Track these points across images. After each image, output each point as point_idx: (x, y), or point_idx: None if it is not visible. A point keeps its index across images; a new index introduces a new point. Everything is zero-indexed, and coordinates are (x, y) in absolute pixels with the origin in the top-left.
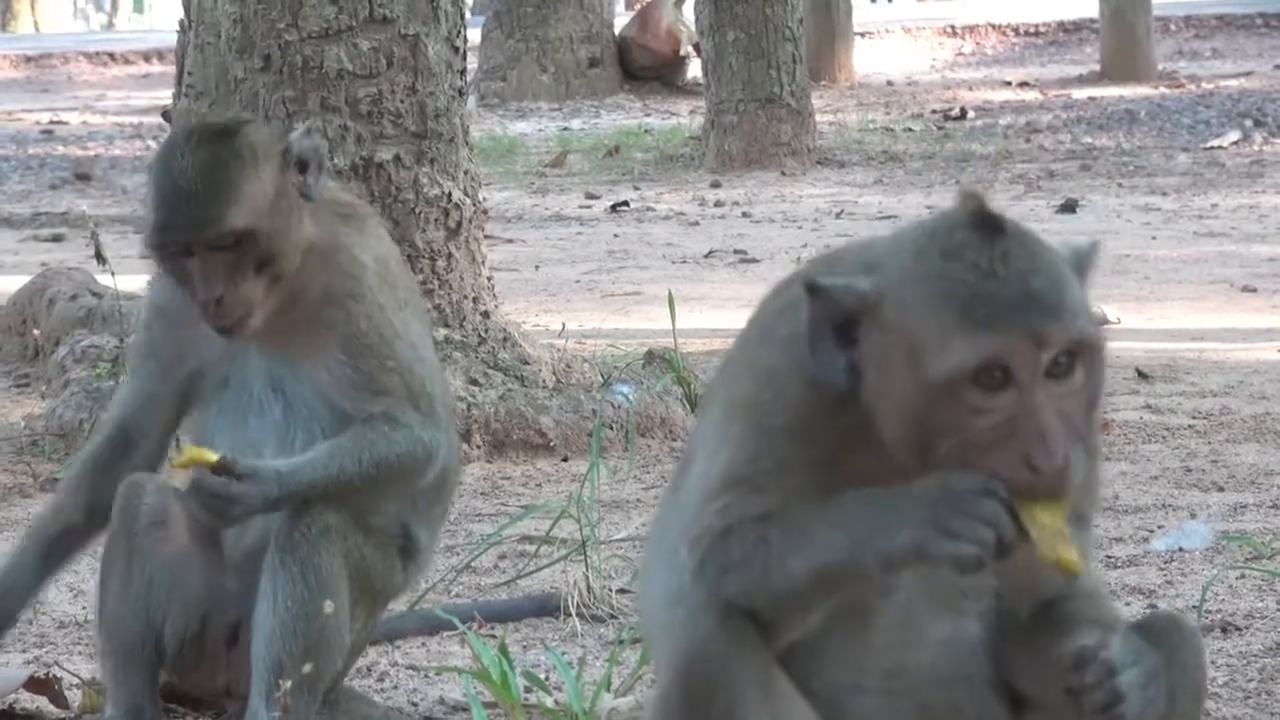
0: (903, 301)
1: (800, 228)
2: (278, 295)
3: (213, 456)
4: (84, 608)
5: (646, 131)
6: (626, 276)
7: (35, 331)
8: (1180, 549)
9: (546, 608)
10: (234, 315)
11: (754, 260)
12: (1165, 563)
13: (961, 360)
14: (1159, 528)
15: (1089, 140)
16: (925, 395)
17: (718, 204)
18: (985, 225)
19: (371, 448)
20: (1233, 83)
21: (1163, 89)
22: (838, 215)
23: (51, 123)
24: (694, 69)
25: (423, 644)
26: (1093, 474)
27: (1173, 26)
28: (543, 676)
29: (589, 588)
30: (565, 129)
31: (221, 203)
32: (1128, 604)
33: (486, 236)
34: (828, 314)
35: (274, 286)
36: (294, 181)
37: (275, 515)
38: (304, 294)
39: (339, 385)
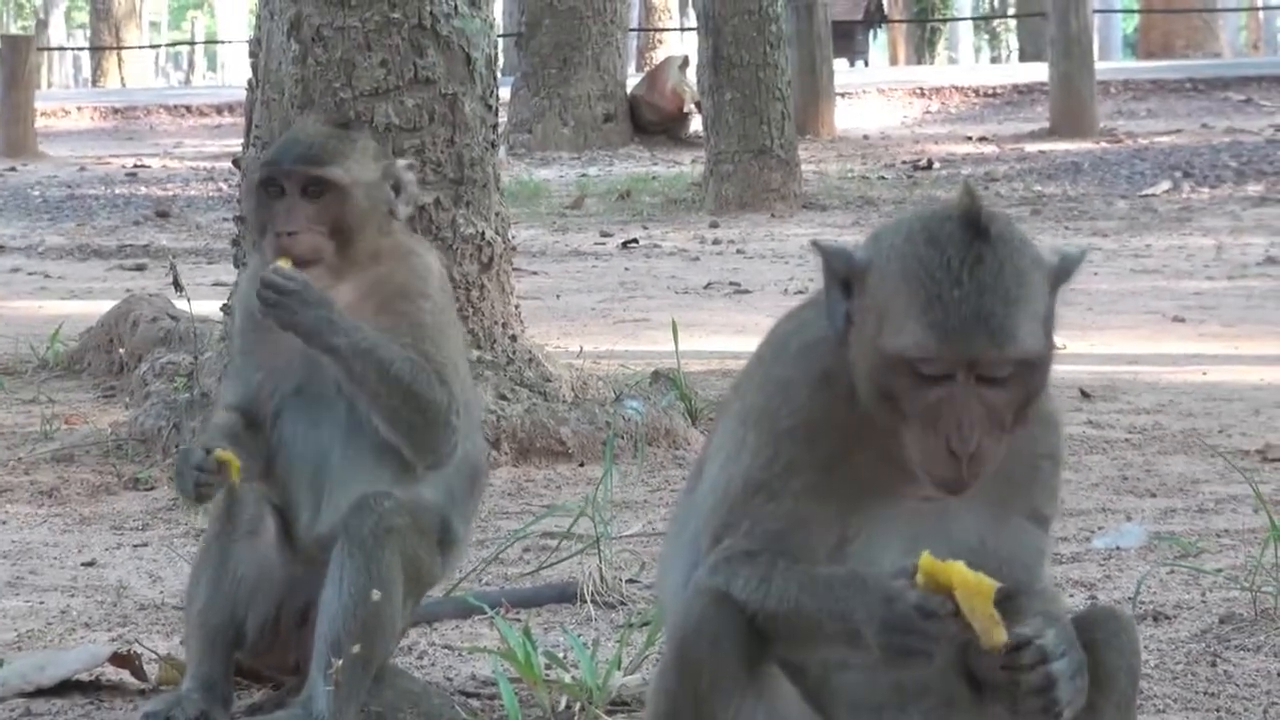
0: (883, 274)
1: (787, 263)
2: (345, 273)
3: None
4: (161, 592)
5: (654, 178)
6: (636, 305)
7: (120, 349)
8: (1118, 547)
9: (565, 595)
10: (296, 250)
11: (747, 291)
12: (1104, 559)
13: (904, 349)
14: (1099, 528)
15: (1039, 188)
16: (877, 361)
17: (715, 242)
18: (971, 224)
19: (414, 371)
20: (1165, 139)
21: (1104, 144)
22: None
23: (135, 166)
24: (696, 124)
25: (457, 626)
26: (1054, 479)
27: (1113, 89)
28: (561, 656)
29: (602, 578)
30: (583, 175)
31: (325, 156)
32: (1071, 595)
33: (514, 269)
34: (830, 269)
35: (338, 257)
36: (387, 195)
37: (346, 510)
38: (381, 286)
39: None
